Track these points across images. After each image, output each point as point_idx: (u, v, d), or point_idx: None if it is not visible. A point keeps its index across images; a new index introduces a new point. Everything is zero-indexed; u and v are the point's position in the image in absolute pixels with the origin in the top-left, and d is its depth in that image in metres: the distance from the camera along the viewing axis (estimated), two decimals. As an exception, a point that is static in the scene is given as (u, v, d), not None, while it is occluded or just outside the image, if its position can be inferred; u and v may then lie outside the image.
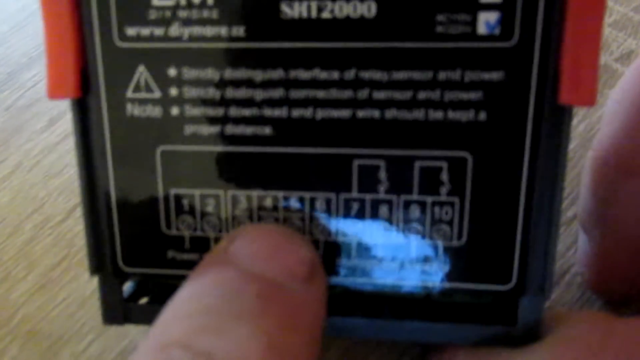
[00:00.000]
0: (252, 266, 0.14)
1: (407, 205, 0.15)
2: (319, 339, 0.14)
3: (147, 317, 0.17)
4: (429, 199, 0.15)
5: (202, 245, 0.16)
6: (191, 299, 0.14)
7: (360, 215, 0.16)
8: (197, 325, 0.13)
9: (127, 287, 0.18)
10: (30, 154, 0.28)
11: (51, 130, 0.28)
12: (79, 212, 0.25)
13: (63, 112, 0.29)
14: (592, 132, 0.26)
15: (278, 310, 0.14)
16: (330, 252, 0.16)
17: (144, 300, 0.18)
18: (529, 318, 0.16)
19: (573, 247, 0.22)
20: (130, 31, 0.15)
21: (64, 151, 0.27)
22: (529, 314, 0.16)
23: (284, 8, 0.14)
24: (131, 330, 0.21)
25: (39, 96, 0.30)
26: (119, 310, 0.17)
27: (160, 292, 0.18)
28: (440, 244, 0.16)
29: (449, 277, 0.16)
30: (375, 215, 0.16)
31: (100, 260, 0.17)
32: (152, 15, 0.15)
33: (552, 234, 0.15)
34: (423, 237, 0.16)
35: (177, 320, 0.14)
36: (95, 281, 0.17)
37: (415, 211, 0.15)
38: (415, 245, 0.16)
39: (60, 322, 0.22)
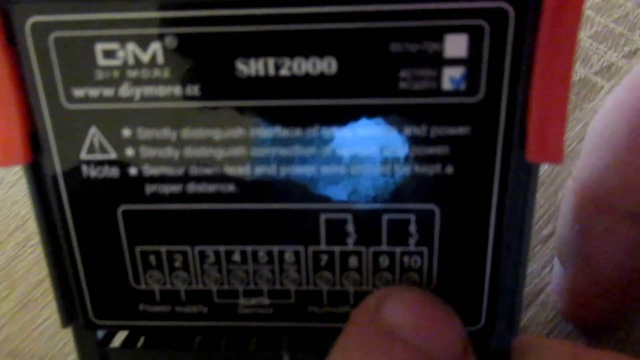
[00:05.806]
0: (415, 340, 0.14)
1: (376, 256, 0.15)
2: None
3: (123, 359, 0.17)
4: (398, 250, 0.15)
5: (173, 298, 0.16)
6: None
7: (329, 266, 0.16)
8: None
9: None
10: (12, 170, 0.28)
11: (33, 146, 0.28)
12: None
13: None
14: (570, 147, 0.26)
15: None
16: (302, 300, 0.16)
17: (121, 337, 0.18)
18: (498, 350, 0.16)
19: (548, 265, 0.22)
20: (78, 92, 0.14)
21: (46, 167, 0.27)
22: (498, 348, 0.16)
23: (240, 66, 0.14)
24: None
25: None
26: (95, 356, 0.17)
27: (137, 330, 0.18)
28: None
29: None
30: (344, 266, 0.16)
31: (71, 313, 0.16)
32: (99, 75, 0.14)
33: (520, 278, 0.15)
34: (393, 284, 0.16)
35: None
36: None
37: (384, 261, 0.15)
38: None
39: (42, 342, 0.22)
